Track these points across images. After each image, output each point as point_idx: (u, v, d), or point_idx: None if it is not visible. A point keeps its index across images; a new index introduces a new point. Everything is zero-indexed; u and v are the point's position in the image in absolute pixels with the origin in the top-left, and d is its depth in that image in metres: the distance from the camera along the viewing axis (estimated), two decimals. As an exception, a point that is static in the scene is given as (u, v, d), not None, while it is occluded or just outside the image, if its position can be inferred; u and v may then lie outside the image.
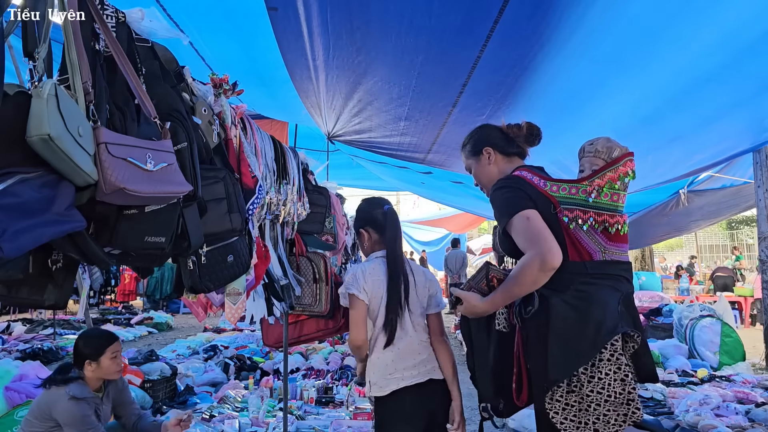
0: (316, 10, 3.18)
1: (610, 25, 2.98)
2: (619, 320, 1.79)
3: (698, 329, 6.72)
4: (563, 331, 1.76)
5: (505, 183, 1.94)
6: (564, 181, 1.89)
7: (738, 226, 25.07)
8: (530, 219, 1.79)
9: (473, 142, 2.20)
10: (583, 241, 1.82)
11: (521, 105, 4.20)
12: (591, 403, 1.73)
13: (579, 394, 1.73)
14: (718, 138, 4.65)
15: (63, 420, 2.52)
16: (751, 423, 4.16)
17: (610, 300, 1.81)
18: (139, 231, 1.22)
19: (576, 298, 1.78)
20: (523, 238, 1.79)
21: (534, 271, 1.73)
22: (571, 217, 1.82)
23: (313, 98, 4.89)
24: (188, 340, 8.19)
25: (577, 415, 1.74)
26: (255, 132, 2.11)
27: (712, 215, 10.86)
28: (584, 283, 1.78)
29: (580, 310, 1.77)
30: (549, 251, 1.72)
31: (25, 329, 9.02)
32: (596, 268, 1.82)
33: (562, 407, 1.75)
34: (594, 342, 1.73)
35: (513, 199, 1.85)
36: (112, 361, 2.66)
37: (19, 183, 0.93)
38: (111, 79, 1.23)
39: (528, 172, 1.96)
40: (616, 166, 1.89)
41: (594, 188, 1.84)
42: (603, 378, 1.72)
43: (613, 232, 1.86)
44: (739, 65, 3.27)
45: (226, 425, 4.07)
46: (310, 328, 3.32)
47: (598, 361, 1.73)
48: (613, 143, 1.98)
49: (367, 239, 2.35)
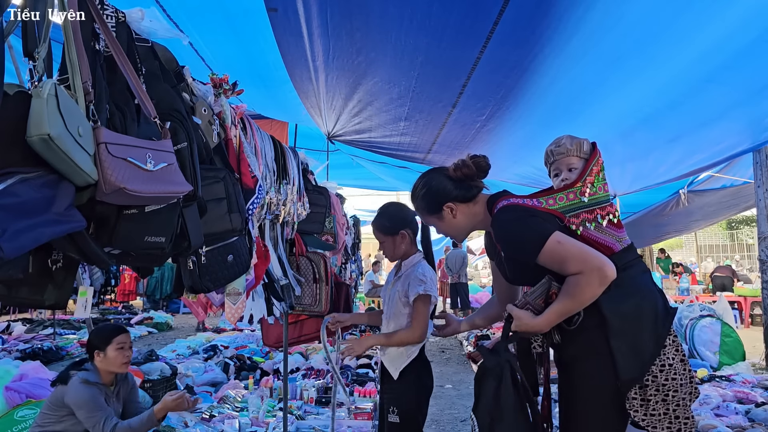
0: (315, 11, 3.18)
1: (611, 26, 2.98)
2: (664, 300, 1.80)
3: (698, 329, 6.72)
4: (624, 328, 1.71)
5: (513, 215, 1.84)
6: (555, 191, 1.88)
7: (738, 226, 25.08)
8: (562, 241, 1.73)
9: (428, 202, 2.05)
10: (600, 239, 1.80)
11: (521, 106, 4.20)
12: (668, 392, 1.70)
13: (654, 385, 1.70)
14: (718, 138, 4.66)
15: (74, 402, 2.57)
16: (751, 423, 4.17)
17: (649, 284, 1.81)
18: (139, 231, 1.22)
19: (622, 293, 1.73)
20: (568, 260, 1.71)
21: (595, 287, 1.68)
22: (579, 222, 1.80)
23: (313, 98, 4.89)
24: (188, 340, 8.19)
25: (657, 407, 1.70)
26: (255, 132, 2.11)
27: (712, 215, 10.86)
28: (621, 277, 1.72)
29: (631, 303, 1.74)
30: (605, 264, 1.67)
31: (25, 329, 9.03)
32: (622, 259, 1.79)
33: (640, 404, 1.71)
34: (657, 332, 1.72)
35: (532, 227, 1.78)
36: (117, 352, 2.70)
37: (19, 183, 0.93)
38: (111, 79, 1.23)
39: (514, 198, 1.90)
40: (597, 158, 1.90)
41: (587, 186, 1.84)
42: (672, 363, 1.71)
43: (616, 221, 1.85)
44: (739, 65, 3.27)
45: (226, 425, 4.07)
46: (310, 328, 3.33)
47: (664, 348, 1.71)
48: (576, 138, 1.98)
49: (407, 240, 2.55)
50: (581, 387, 1.79)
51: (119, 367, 2.75)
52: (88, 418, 2.54)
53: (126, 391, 2.90)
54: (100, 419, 2.53)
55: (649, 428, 1.70)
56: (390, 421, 2.45)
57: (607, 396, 1.73)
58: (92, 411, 2.54)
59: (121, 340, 2.72)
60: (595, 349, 1.73)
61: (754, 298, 10.41)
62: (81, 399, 2.56)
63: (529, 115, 4.42)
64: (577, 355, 1.80)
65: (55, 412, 2.62)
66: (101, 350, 2.69)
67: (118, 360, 2.71)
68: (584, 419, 1.78)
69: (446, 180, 2.01)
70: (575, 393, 1.81)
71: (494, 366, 1.82)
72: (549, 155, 2.02)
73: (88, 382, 2.62)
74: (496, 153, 5.63)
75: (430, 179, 2.06)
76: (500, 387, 1.78)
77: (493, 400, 1.78)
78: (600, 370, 1.73)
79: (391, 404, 2.47)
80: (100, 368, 2.71)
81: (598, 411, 1.75)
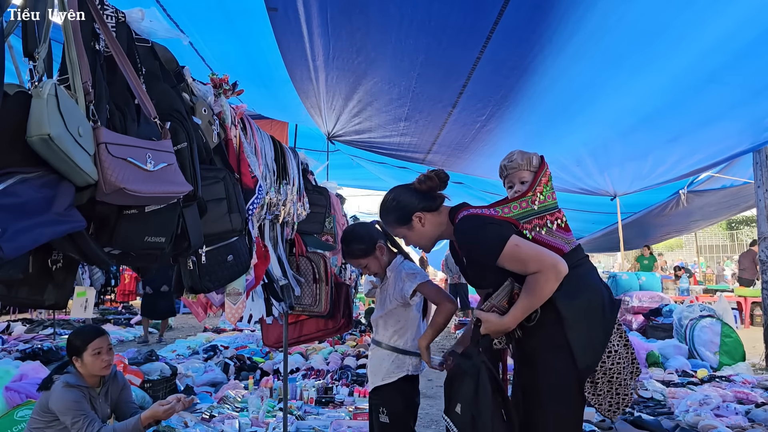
0: (316, 11, 3.18)
1: (611, 26, 2.98)
2: (610, 294, 2.02)
3: (698, 329, 6.71)
4: (578, 322, 1.90)
5: (473, 223, 2.03)
6: (509, 201, 2.07)
7: (738, 226, 25.08)
8: (519, 244, 1.92)
9: (399, 214, 2.23)
10: (551, 242, 1.99)
11: (521, 106, 4.20)
12: (614, 375, 1.91)
13: (602, 370, 1.90)
14: (718, 138, 4.66)
15: (57, 408, 2.54)
16: (751, 423, 4.16)
17: (597, 279, 2.04)
18: (139, 231, 1.22)
19: (573, 291, 1.91)
20: (525, 261, 1.90)
21: (552, 283, 1.87)
22: (531, 227, 2.00)
23: (313, 98, 4.89)
24: (188, 340, 8.19)
25: (603, 387, 1.91)
26: (255, 132, 2.11)
27: (712, 215, 10.86)
28: (571, 275, 1.91)
29: (583, 299, 1.93)
30: (558, 261, 1.87)
31: (25, 329, 9.03)
32: (572, 259, 1.98)
33: (591, 386, 1.91)
34: (605, 322, 1.93)
35: (492, 233, 1.97)
36: (94, 357, 2.64)
37: (19, 183, 0.93)
38: (111, 79, 1.23)
39: (473, 209, 2.09)
40: (545, 170, 2.10)
41: (537, 196, 2.04)
42: (618, 349, 1.92)
43: (564, 225, 2.06)
44: (739, 65, 3.27)
45: (226, 425, 4.07)
46: (310, 328, 3.32)
47: (611, 336, 1.91)
48: (526, 153, 2.17)
49: (385, 250, 2.58)
50: (543, 377, 1.95)
51: (99, 371, 2.69)
52: (72, 423, 2.51)
53: (116, 391, 2.86)
54: (83, 424, 2.50)
55: (596, 405, 1.92)
56: (381, 421, 2.47)
57: (567, 383, 1.92)
58: (75, 416, 2.51)
59: (96, 345, 2.65)
60: (554, 342, 1.92)
61: (754, 299, 10.41)
62: (63, 404, 2.52)
63: (529, 115, 4.42)
64: (538, 348, 1.97)
65: (43, 418, 2.59)
66: (78, 356, 2.64)
67: (96, 365, 2.66)
68: (549, 406, 1.94)
69: (414, 192, 2.22)
70: (538, 383, 1.97)
71: (470, 368, 1.97)
72: (503, 169, 2.23)
73: (70, 386, 2.57)
74: (496, 153, 5.63)
75: (399, 193, 2.25)
76: (479, 388, 1.92)
77: (472, 399, 1.91)
78: (560, 361, 1.91)
79: (381, 405, 2.49)
80: (82, 372, 2.66)
81: (561, 397, 1.93)
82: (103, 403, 2.77)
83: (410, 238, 2.26)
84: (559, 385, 1.93)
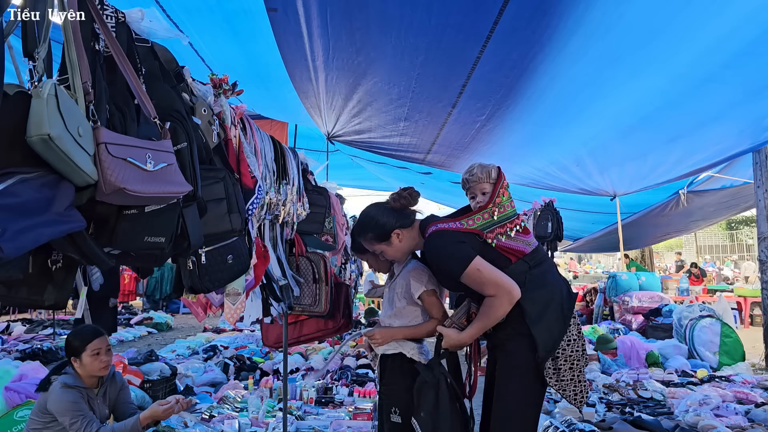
0: (315, 11, 3.18)
1: (610, 25, 2.98)
2: (568, 288, 2.28)
3: (698, 329, 6.71)
4: (539, 315, 2.15)
5: (441, 241, 2.25)
6: (472, 213, 2.28)
7: (738, 227, 25.08)
8: (480, 268, 2.14)
9: (379, 232, 2.40)
10: (512, 246, 2.23)
11: (521, 105, 4.20)
12: (573, 361, 2.18)
13: (563, 357, 2.17)
14: (717, 138, 4.66)
15: (56, 409, 2.53)
16: (750, 423, 4.17)
17: (556, 275, 2.31)
18: (139, 231, 1.22)
19: (534, 286, 2.18)
20: (484, 284, 2.14)
21: (505, 307, 2.13)
22: (493, 235, 2.22)
23: (312, 99, 4.90)
24: (188, 340, 8.18)
25: (566, 374, 2.18)
26: (255, 132, 2.11)
27: (712, 215, 10.86)
28: (533, 274, 2.19)
29: (543, 294, 2.19)
30: (513, 288, 2.11)
31: (25, 329, 9.02)
32: (533, 258, 2.25)
33: (553, 372, 2.17)
34: (564, 314, 2.20)
35: (459, 253, 2.19)
36: (93, 358, 2.63)
37: (19, 183, 0.93)
38: (111, 79, 1.23)
39: (442, 223, 2.31)
40: (502, 182, 2.33)
41: (496, 206, 2.26)
42: (575, 339, 2.19)
43: (522, 229, 2.29)
44: (739, 65, 3.27)
45: (226, 425, 4.07)
46: (310, 328, 3.32)
47: (569, 327, 2.19)
48: (485, 166, 2.39)
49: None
50: (510, 362, 2.23)
51: (98, 371, 2.68)
52: (70, 423, 2.51)
53: (114, 392, 2.85)
54: (82, 425, 2.49)
55: (560, 391, 2.18)
56: (393, 421, 2.44)
57: (530, 367, 2.18)
58: (73, 416, 2.50)
59: (95, 346, 2.64)
60: (518, 331, 2.17)
61: (754, 299, 10.41)
62: (61, 405, 2.52)
63: (529, 115, 4.42)
64: (505, 338, 2.24)
65: (41, 419, 2.59)
66: (77, 357, 2.63)
67: (94, 366, 2.65)
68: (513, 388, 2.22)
69: (390, 211, 2.42)
70: (504, 367, 2.24)
71: (431, 379, 2.25)
72: (465, 182, 2.44)
73: (68, 386, 2.57)
74: (495, 153, 5.64)
75: (377, 213, 2.43)
76: (438, 396, 2.22)
77: (434, 407, 2.21)
78: (523, 348, 2.17)
79: (393, 405, 2.46)
80: (80, 373, 2.66)
81: (524, 380, 2.20)
82: (101, 403, 2.76)
83: (388, 252, 2.44)
84: (521, 366, 2.19)
